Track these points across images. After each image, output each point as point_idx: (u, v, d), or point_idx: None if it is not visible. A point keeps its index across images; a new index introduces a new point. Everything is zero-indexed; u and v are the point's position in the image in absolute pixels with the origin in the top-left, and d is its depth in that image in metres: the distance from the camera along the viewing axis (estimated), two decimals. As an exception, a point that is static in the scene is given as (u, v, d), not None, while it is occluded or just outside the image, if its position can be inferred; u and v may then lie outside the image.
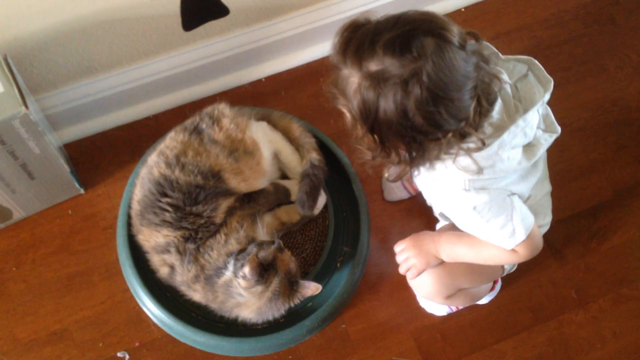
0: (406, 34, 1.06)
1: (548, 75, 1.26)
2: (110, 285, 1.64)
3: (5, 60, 1.44)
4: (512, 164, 1.21)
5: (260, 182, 1.52)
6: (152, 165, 1.46)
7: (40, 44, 1.56)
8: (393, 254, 1.45)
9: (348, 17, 1.84)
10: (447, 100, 1.08)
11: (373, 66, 1.07)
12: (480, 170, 1.18)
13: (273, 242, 1.40)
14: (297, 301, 1.42)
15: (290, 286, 1.40)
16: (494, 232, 1.26)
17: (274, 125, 1.60)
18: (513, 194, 1.26)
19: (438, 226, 1.61)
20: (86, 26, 1.57)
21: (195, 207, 1.41)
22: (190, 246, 1.41)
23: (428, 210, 1.63)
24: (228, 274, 1.39)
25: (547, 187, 1.42)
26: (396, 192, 1.74)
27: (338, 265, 1.60)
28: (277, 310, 1.41)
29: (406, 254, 1.41)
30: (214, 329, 1.50)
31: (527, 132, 1.20)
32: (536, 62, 1.29)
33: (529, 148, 1.24)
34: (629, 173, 1.81)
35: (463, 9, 2.05)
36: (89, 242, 1.69)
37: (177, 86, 1.85)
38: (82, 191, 1.74)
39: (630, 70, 1.97)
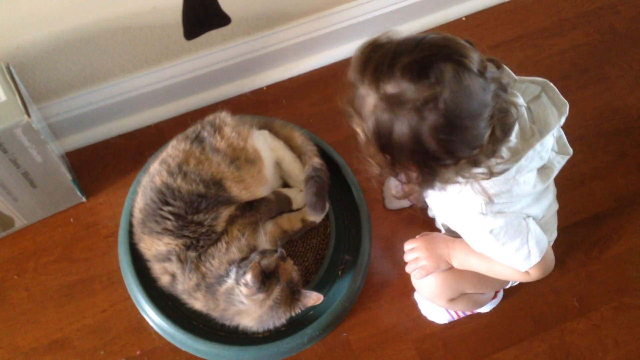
0: (425, 59, 1.05)
1: (563, 99, 1.25)
2: (111, 293, 1.64)
3: (8, 68, 1.44)
4: (528, 188, 1.21)
5: (261, 191, 1.52)
6: (154, 173, 1.46)
7: (43, 52, 1.56)
8: (394, 263, 1.45)
9: (349, 25, 1.89)
10: (462, 128, 1.07)
11: (390, 89, 1.05)
12: (494, 196, 1.18)
13: (275, 251, 1.40)
14: (298, 310, 1.42)
15: (291, 295, 1.40)
16: (509, 255, 1.26)
17: (275, 133, 1.60)
18: (528, 216, 1.26)
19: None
20: (88, 35, 1.58)
21: (196, 216, 1.41)
22: (192, 254, 1.41)
23: (429, 218, 1.64)
24: (230, 281, 1.39)
25: (555, 206, 1.42)
26: (397, 200, 1.74)
27: (339, 273, 1.60)
28: (278, 319, 1.41)
29: (417, 254, 1.40)
30: (215, 337, 1.49)
31: (542, 155, 1.20)
32: (551, 84, 1.28)
33: (543, 171, 1.24)
34: (630, 181, 1.81)
35: (464, 18, 2.05)
36: (90, 250, 1.69)
37: (179, 95, 1.86)
38: (83, 199, 1.74)
39: (631, 79, 1.97)
